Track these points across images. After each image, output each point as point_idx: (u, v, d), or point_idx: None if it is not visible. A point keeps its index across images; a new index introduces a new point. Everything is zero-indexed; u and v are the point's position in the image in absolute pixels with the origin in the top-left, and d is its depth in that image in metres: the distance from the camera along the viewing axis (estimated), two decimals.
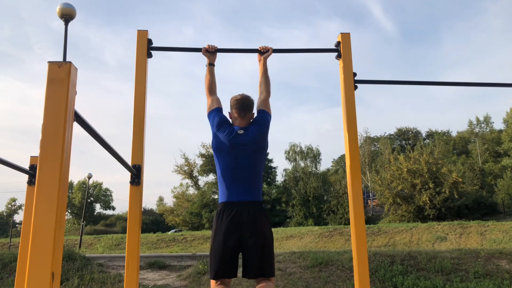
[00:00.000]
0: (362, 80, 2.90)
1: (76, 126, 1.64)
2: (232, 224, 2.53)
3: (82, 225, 25.96)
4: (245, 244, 2.53)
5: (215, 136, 2.77)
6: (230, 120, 2.86)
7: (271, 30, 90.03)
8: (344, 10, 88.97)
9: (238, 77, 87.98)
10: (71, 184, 58.07)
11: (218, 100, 2.93)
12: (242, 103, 2.80)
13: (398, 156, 33.88)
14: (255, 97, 2.96)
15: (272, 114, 2.92)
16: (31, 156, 3.32)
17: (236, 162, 2.67)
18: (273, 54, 3.02)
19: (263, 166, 2.82)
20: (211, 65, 2.95)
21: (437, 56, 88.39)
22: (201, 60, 2.91)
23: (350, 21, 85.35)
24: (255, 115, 2.89)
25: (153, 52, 2.88)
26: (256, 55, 3.05)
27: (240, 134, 2.71)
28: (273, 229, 2.92)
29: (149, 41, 2.85)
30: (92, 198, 61.11)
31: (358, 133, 2.96)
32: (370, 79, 2.96)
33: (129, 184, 2.66)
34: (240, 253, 2.59)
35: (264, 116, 2.85)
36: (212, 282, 2.57)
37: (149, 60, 2.88)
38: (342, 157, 60.35)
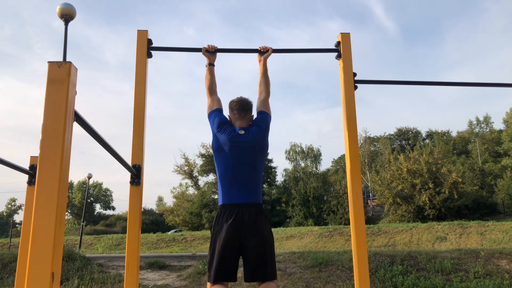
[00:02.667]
0: (362, 80, 2.89)
1: (76, 126, 1.64)
2: (232, 227, 2.48)
3: (82, 225, 25.94)
4: (246, 248, 2.48)
5: (215, 137, 2.76)
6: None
7: (272, 30, 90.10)
8: (345, 10, 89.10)
9: (238, 77, 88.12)
10: (71, 184, 58.04)
11: (218, 101, 2.92)
12: (242, 104, 2.82)
13: (398, 156, 33.86)
14: (255, 97, 2.98)
15: (273, 114, 2.94)
16: (31, 156, 3.32)
17: (236, 162, 2.64)
18: (274, 54, 3.02)
19: (263, 167, 2.81)
20: (211, 65, 2.95)
21: (437, 56, 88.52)
22: (202, 60, 2.91)
23: (351, 21, 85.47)
24: (255, 116, 2.89)
25: (153, 52, 2.88)
26: (256, 55, 3.05)
27: (241, 135, 2.71)
28: (273, 229, 2.91)
29: (149, 41, 2.85)
30: (92, 198, 61.08)
31: (358, 133, 2.96)
32: (370, 79, 2.95)
33: (129, 184, 2.66)
34: (241, 256, 2.55)
35: (264, 117, 2.85)
36: (208, 285, 2.51)
37: (149, 60, 2.88)
38: (342, 157, 60.31)
